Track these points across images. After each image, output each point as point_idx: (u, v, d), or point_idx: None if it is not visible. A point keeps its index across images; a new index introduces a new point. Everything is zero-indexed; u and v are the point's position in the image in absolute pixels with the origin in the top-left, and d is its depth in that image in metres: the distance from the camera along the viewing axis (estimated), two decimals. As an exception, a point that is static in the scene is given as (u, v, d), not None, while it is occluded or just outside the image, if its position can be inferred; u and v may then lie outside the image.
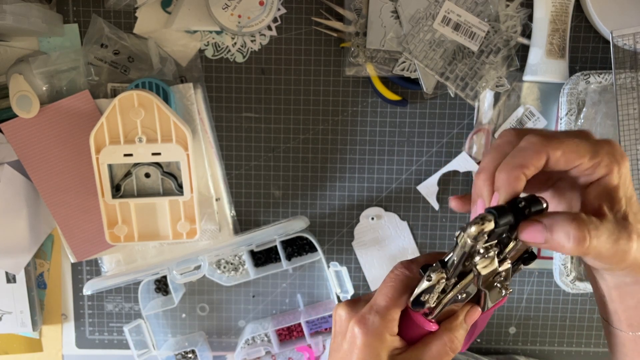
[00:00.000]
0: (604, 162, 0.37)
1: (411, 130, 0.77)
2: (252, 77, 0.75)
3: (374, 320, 0.40)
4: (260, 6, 0.70)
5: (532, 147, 0.37)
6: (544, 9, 0.70)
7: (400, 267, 0.41)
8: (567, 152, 0.36)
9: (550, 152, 0.36)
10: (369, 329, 0.40)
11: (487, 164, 0.38)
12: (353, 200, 0.78)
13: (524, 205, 0.36)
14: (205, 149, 0.74)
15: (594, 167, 0.37)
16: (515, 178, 0.36)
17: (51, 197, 0.72)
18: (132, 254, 0.77)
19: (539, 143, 0.36)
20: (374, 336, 0.40)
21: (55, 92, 0.72)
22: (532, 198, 0.37)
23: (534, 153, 0.36)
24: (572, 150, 0.37)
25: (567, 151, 0.36)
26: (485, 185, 0.38)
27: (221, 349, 0.82)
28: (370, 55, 0.72)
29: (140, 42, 0.73)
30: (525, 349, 0.82)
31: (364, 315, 0.40)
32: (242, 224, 0.79)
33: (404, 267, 0.41)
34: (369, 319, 0.40)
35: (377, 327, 0.40)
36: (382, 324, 0.40)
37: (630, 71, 0.69)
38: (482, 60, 0.72)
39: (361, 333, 0.40)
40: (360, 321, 0.40)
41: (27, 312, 0.78)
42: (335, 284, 0.76)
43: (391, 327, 0.40)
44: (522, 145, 0.37)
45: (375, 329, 0.40)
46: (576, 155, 0.37)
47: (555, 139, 0.37)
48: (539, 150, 0.36)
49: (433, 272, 0.38)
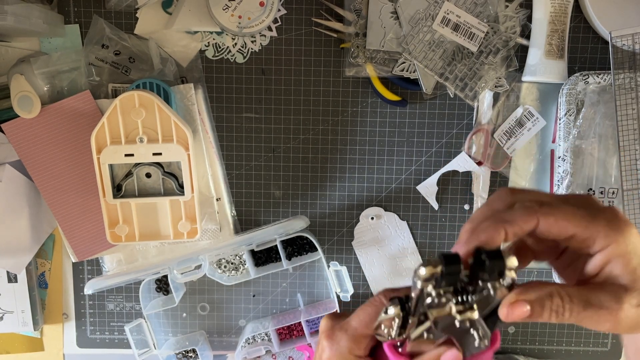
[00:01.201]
0: (602, 233, 0.35)
1: (411, 130, 0.77)
2: (253, 78, 0.76)
3: (340, 337, 0.40)
4: (260, 7, 0.70)
5: (523, 209, 0.36)
6: (543, 9, 0.70)
7: (382, 294, 0.41)
8: (559, 220, 0.35)
9: (541, 218, 0.35)
10: (334, 345, 0.40)
11: (476, 216, 0.38)
12: (353, 200, 0.79)
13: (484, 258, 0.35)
14: (206, 149, 0.74)
15: (591, 238, 0.35)
16: (493, 229, 0.35)
17: (52, 197, 0.73)
18: (133, 254, 0.77)
19: (531, 207, 0.35)
20: (338, 353, 0.40)
21: (56, 92, 0.72)
22: (496, 253, 0.35)
23: (523, 215, 0.35)
24: (565, 218, 0.35)
25: (560, 219, 0.35)
26: (466, 234, 0.37)
27: (222, 348, 0.82)
28: (370, 55, 0.72)
29: (141, 43, 0.73)
30: (524, 348, 0.82)
31: (334, 331, 0.41)
32: (242, 223, 0.79)
33: (384, 295, 0.40)
34: (337, 336, 0.40)
35: (342, 345, 0.40)
36: (348, 343, 0.40)
37: (629, 71, 0.70)
38: (482, 60, 0.72)
39: (327, 347, 0.40)
40: (329, 336, 0.41)
41: (28, 312, 0.78)
42: (335, 283, 0.76)
43: (357, 348, 0.40)
44: (517, 205, 0.36)
45: (340, 347, 0.40)
46: (569, 224, 0.35)
47: (549, 205, 0.35)
48: (530, 213, 0.35)
49: (391, 306, 0.37)
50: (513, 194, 0.38)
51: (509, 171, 0.77)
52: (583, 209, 0.36)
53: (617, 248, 0.35)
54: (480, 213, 0.38)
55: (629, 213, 0.72)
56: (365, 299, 0.83)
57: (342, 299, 0.77)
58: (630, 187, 0.71)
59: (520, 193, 0.38)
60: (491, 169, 0.76)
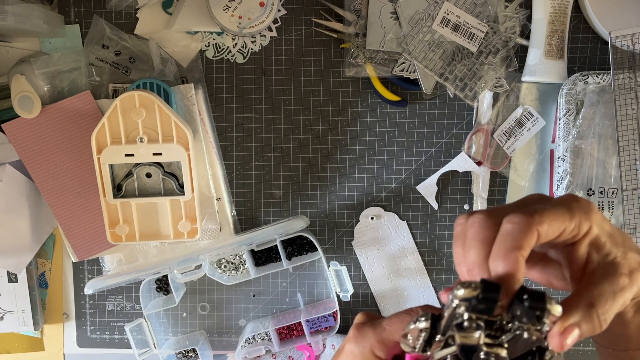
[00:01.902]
0: (583, 218, 0.36)
1: (410, 130, 0.77)
2: (253, 78, 0.76)
3: (368, 334, 0.40)
4: (260, 7, 0.70)
5: (519, 227, 0.34)
6: (543, 10, 0.70)
7: (421, 306, 0.40)
8: (551, 222, 0.35)
9: (538, 228, 0.35)
10: (360, 339, 0.40)
11: (475, 257, 0.36)
12: (353, 200, 0.79)
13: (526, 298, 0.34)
14: (206, 149, 0.74)
15: (577, 226, 0.36)
16: (515, 262, 0.34)
17: (53, 197, 0.73)
18: (133, 254, 0.77)
19: (525, 221, 0.35)
20: (361, 347, 0.40)
21: (56, 92, 0.72)
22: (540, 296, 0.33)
23: (524, 233, 0.34)
24: (554, 218, 0.35)
25: (551, 220, 0.35)
26: None
27: (222, 347, 0.83)
28: (369, 56, 0.73)
29: (141, 43, 0.73)
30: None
31: (364, 326, 0.41)
32: (242, 223, 0.79)
33: (422, 307, 0.40)
34: (365, 331, 0.40)
35: (367, 342, 0.40)
36: (373, 342, 0.40)
37: (628, 72, 0.70)
38: (481, 60, 0.72)
39: (352, 339, 0.40)
40: (358, 329, 0.41)
41: (28, 312, 0.79)
42: (335, 283, 0.76)
43: (380, 349, 0.40)
44: (508, 228, 0.35)
45: (364, 343, 0.40)
46: (559, 222, 0.36)
47: (536, 214, 0.35)
48: (527, 228, 0.34)
49: (422, 319, 0.37)
50: (489, 217, 0.36)
51: (508, 171, 0.77)
52: (561, 206, 0.36)
53: (592, 229, 0.37)
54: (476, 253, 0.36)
55: (628, 213, 0.72)
56: (366, 299, 0.83)
57: (342, 299, 0.77)
58: (629, 187, 0.71)
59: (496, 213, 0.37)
60: (491, 169, 0.76)
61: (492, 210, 0.37)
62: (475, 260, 0.36)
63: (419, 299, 0.81)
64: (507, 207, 0.37)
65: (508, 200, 0.77)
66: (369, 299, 0.81)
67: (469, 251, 0.36)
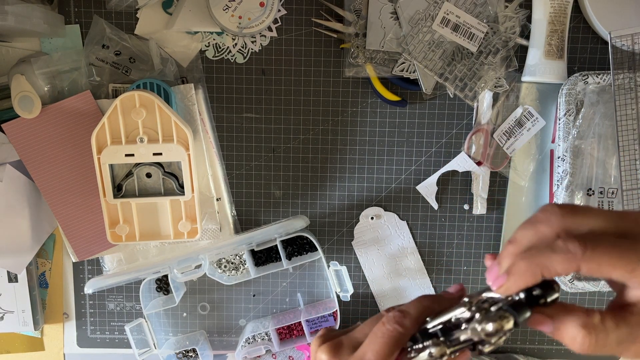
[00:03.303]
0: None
1: (410, 130, 0.77)
2: (253, 78, 0.76)
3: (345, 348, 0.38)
4: (260, 7, 0.70)
5: (566, 254, 0.34)
6: (543, 10, 0.71)
7: (392, 321, 0.39)
8: (603, 266, 0.33)
9: (582, 264, 0.33)
10: None
11: (521, 238, 0.36)
12: (353, 200, 0.79)
13: (538, 294, 0.35)
14: (206, 149, 0.74)
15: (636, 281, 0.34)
16: (532, 275, 0.34)
17: (53, 196, 0.73)
18: (133, 254, 0.77)
19: (575, 252, 0.33)
20: None
21: (56, 92, 0.72)
22: (547, 285, 0.35)
23: (563, 263, 0.34)
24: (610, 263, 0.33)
25: (605, 264, 0.33)
26: (508, 258, 0.36)
27: (222, 347, 0.83)
28: (369, 56, 0.73)
29: (141, 43, 0.73)
30: (524, 347, 0.83)
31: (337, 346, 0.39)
32: (242, 223, 0.79)
33: (396, 322, 0.39)
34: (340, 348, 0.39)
35: None
36: None
37: (628, 72, 0.70)
38: (481, 61, 0.72)
39: None
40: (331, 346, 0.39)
41: (28, 311, 0.79)
42: (335, 283, 0.76)
43: None
44: (559, 246, 0.34)
45: None
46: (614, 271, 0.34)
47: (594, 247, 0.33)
48: (571, 261, 0.34)
49: (435, 347, 0.36)
50: (563, 217, 0.35)
51: (508, 171, 0.77)
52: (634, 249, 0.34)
53: None
54: (524, 234, 0.36)
55: (628, 213, 0.72)
56: (365, 298, 0.83)
57: (342, 299, 0.77)
58: (629, 187, 0.71)
59: (570, 217, 0.35)
60: (491, 169, 0.76)
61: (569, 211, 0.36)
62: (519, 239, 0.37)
63: (418, 299, 0.81)
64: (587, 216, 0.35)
65: (508, 200, 0.77)
66: (369, 298, 0.82)
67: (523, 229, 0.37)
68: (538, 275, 0.34)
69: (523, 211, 0.77)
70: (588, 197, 0.74)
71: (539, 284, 0.35)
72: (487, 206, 0.78)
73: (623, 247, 0.34)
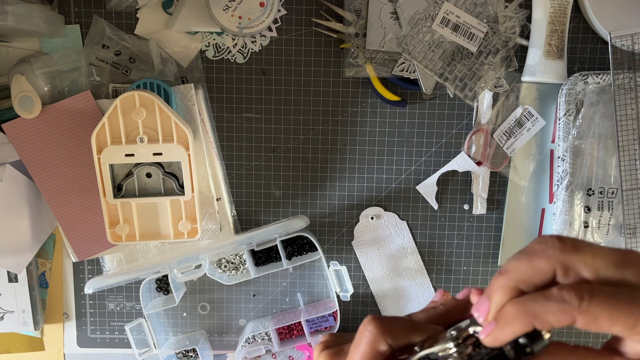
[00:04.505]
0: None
1: (410, 130, 0.77)
2: (253, 78, 0.76)
3: None
4: (260, 7, 0.70)
5: (561, 304, 0.31)
6: (543, 10, 0.71)
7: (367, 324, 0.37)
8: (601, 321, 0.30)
9: (578, 317, 0.31)
10: None
11: (513, 269, 0.33)
12: (353, 200, 0.79)
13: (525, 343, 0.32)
14: (206, 149, 0.74)
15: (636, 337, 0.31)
16: (522, 324, 0.32)
17: (53, 196, 0.73)
18: (133, 253, 0.77)
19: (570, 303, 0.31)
20: None
21: (57, 92, 0.72)
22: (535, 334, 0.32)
23: (558, 313, 0.31)
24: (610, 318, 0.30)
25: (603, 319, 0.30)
26: (499, 293, 0.33)
27: (222, 347, 0.83)
28: (369, 56, 0.73)
29: (141, 43, 0.73)
30: None
31: None
32: (242, 223, 0.79)
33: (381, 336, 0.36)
34: None
35: None
36: None
37: (628, 72, 0.70)
38: (481, 61, 0.72)
39: None
40: None
41: (28, 311, 0.79)
42: (335, 283, 0.76)
43: None
44: (554, 294, 0.31)
45: None
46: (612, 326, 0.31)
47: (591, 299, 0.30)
48: (566, 312, 0.31)
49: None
50: (563, 252, 0.32)
51: (508, 171, 0.77)
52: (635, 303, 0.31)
53: None
54: (517, 266, 0.33)
55: (628, 213, 0.72)
56: (365, 298, 0.83)
57: (342, 299, 0.77)
58: (629, 187, 0.71)
59: (570, 254, 0.32)
60: (491, 169, 0.76)
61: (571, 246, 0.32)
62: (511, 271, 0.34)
63: (419, 299, 0.81)
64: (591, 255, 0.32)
65: (508, 200, 0.77)
66: (369, 298, 0.82)
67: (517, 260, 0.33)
68: (529, 325, 0.32)
69: (523, 211, 0.77)
70: (588, 197, 0.74)
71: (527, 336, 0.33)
72: (487, 206, 0.78)
73: (624, 299, 0.31)
